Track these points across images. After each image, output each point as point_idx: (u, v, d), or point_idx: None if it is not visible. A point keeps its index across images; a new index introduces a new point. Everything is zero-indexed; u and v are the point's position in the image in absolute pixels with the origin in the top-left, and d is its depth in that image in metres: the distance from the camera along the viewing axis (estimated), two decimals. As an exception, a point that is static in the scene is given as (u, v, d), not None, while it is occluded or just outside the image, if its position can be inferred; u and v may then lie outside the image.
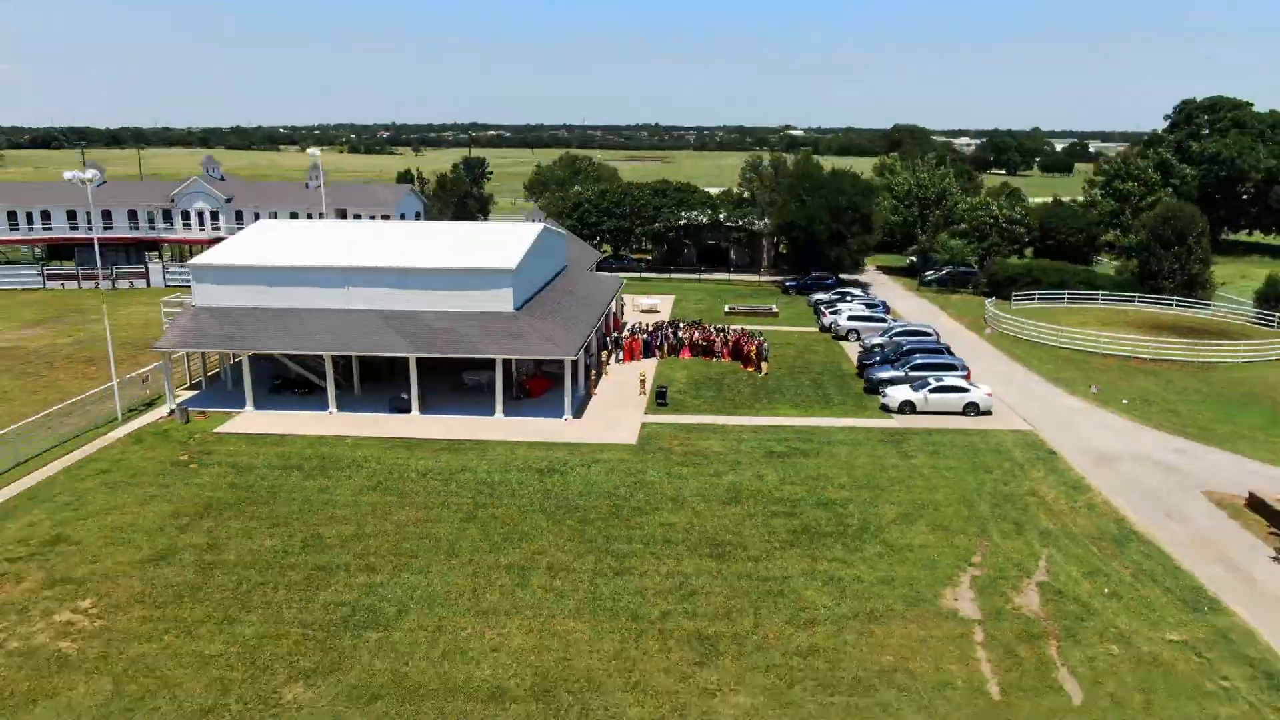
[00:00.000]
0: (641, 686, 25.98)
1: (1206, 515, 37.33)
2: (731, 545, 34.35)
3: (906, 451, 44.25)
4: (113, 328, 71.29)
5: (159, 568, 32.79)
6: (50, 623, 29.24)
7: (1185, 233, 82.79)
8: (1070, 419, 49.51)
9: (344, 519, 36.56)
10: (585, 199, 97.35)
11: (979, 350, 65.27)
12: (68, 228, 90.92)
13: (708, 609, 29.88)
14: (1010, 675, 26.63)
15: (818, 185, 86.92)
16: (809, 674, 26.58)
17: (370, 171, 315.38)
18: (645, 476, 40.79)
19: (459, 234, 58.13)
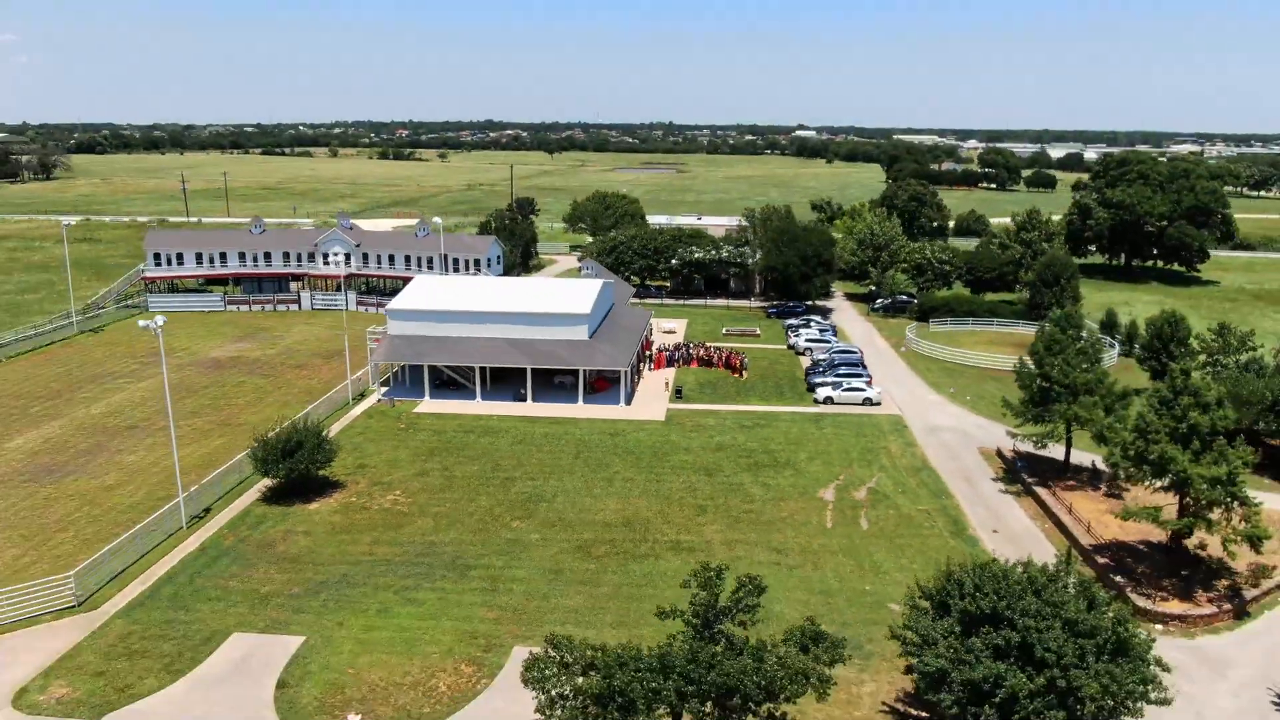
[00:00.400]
0: (670, 523, 57.49)
1: (972, 459, 68.82)
2: (715, 470, 65.95)
3: (821, 425, 75.86)
4: (299, 342, 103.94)
5: (423, 478, 64.57)
6: (384, 499, 61.04)
7: (1060, 275, 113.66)
8: (927, 408, 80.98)
9: (508, 456, 68.32)
10: (620, 242, 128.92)
11: (892, 362, 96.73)
12: (238, 264, 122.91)
13: (701, 495, 61.45)
14: (838, 520, 58.12)
15: (792, 238, 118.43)
16: (747, 519, 58.10)
17: (409, 184, 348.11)
18: (669, 437, 72.50)
19: (549, 287, 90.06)
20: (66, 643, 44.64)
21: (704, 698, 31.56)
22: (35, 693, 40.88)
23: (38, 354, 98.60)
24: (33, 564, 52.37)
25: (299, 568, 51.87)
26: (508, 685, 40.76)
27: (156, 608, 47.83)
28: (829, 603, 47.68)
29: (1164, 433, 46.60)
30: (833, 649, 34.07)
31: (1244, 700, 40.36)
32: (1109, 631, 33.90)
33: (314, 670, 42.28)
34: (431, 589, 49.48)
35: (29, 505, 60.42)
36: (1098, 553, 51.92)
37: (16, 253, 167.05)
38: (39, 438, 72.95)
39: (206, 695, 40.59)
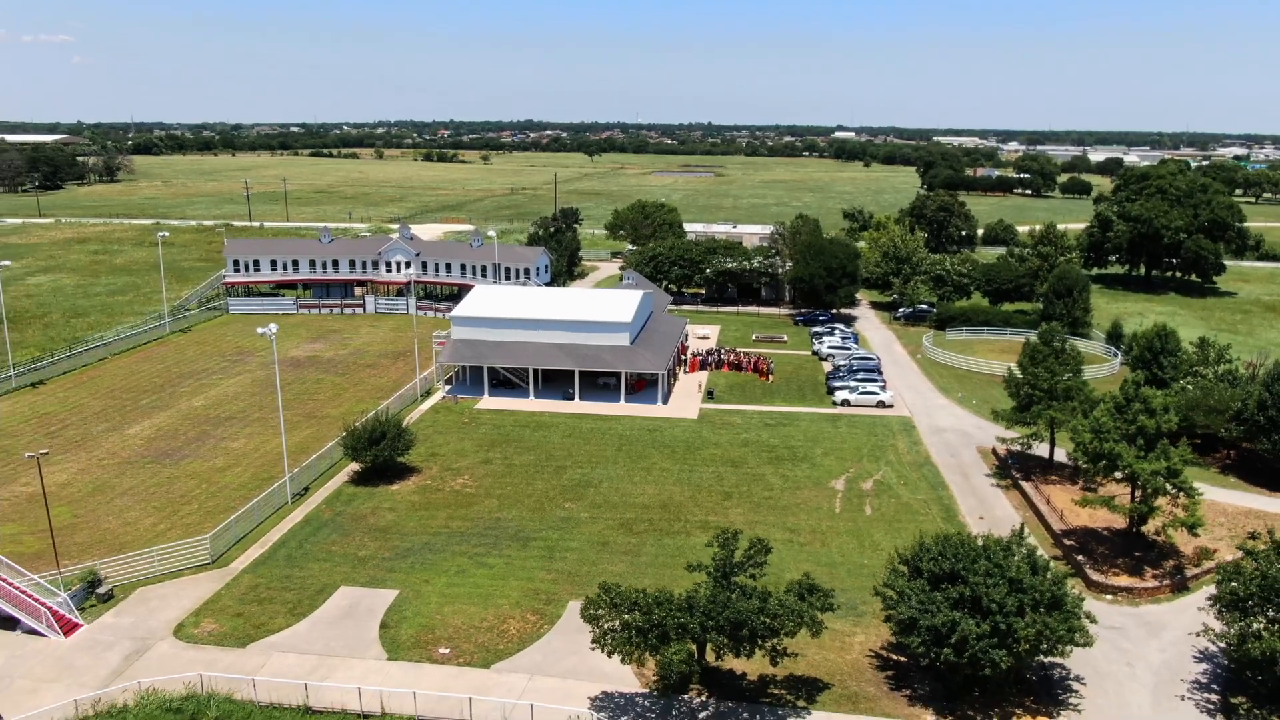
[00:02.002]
0: (699, 506, 66.90)
1: (970, 456, 77.49)
2: (740, 462, 75.26)
3: (837, 425, 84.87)
4: (366, 343, 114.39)
5: (486, 465, 74.55)
6: (455, 483, 71.07)
7: (1071, 288, 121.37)
8: (934, 411, 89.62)
9: (559, 448, 78.10)
10: (659, 253, 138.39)
11: (907, 368, 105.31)
12: (309, 271, 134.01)
13: (727, 483, 70.80)
14: (845, 507, 67.19)
15: (818, 251, 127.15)
16: (766, 505, 67.37)
17: (454, 188, 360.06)
18: (701, 433, 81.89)
19: (594, 297, 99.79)
20: (207, 591, 55.10)
21: (721, 630, 41.04)
22: (190, 627, 51.30)
23: (137, 352, 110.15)
24: (168, 530, 63.02)
25: (388, 537, 62.02)
26: (565, 630, 50.50)
27: (275, 565, 58.21)
28: (832, 573, 56.77)
29: (1115, 433, 55.18)
30: (823, 598, 43.38)
31: (1169, 654, 49.01)
32: (1045, 590, 42.80)
33: (409, 615, 52.31)
34: (499, 556, 59.34)
35: (156, 483, 71.26)
36: (1066, 536, 60.58)
37: (99, 256, 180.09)
38: (153, 426, 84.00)
39: (325, 632, 50.76)
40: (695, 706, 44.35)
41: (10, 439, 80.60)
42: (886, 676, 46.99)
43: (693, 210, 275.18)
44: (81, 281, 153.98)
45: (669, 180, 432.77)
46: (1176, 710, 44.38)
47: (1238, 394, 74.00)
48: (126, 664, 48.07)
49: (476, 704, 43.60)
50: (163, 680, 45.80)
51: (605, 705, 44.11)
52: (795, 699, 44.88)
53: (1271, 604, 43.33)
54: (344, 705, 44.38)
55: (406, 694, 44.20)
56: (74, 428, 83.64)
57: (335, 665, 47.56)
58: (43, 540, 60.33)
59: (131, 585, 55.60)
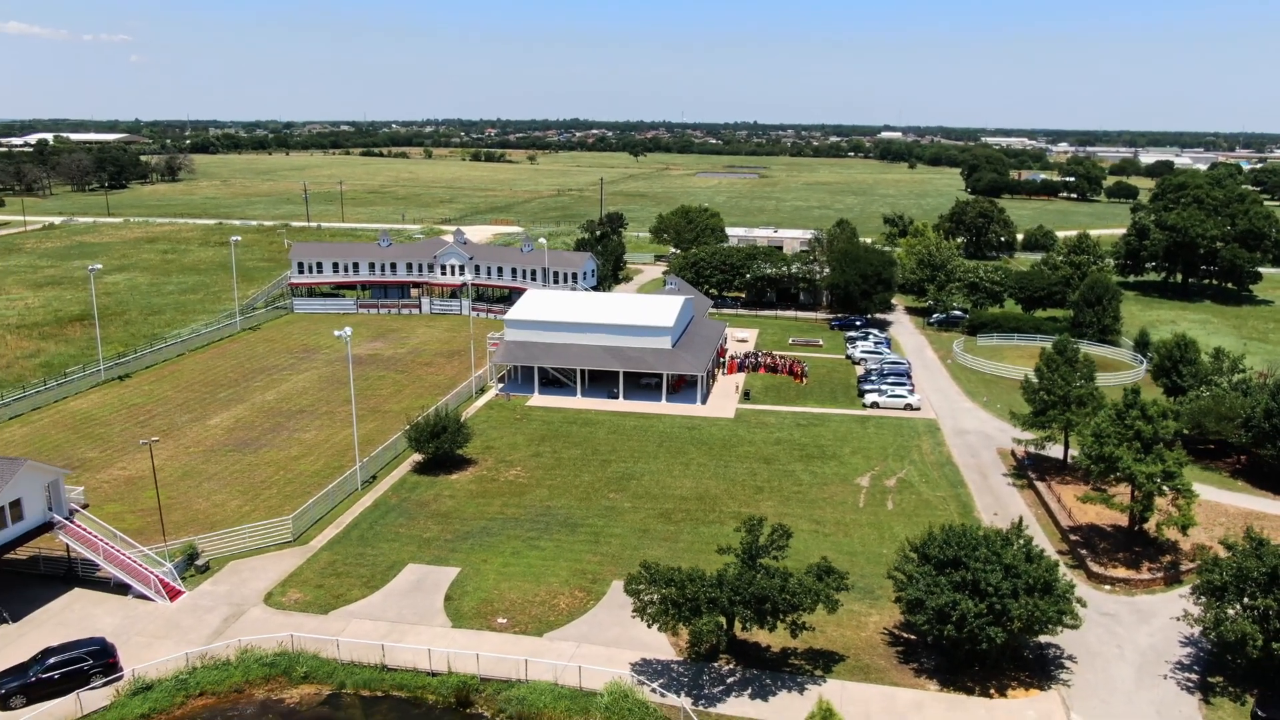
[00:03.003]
0: (733, 499, 72.52)
1: (989, 457, 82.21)
2: (773, 459, 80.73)
3: (866, 425, 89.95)
4: (423, 343, 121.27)
5: (537, 458, 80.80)
6: (509, 474, 77.40)
7: (1101, 296, 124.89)
8: (959, 414, 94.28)
9: (604, 443, 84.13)
10: (701, 258, 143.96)
11: (937, 372, 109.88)
12: (368, 273, 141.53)
13: (760, 478, 76.33)
14: (869, 502, 72.41)
15: (854, 258, 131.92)
16: (795, 498, 72.82)
17: (502, 189, 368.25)
18: (737, 432, 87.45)
19: (638, 302, 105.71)
20: (291, 565, 61.88)
21: (746, 604, 46.73)
22: (278, 596, 58.07)
23: (211, 348, 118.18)
24: (251, 511, 70.01)
25: (449, 521, 68.46)
26: (609, 606, 56.47)
27: (350, 544, 64.88)
28: (853, 560, 62.06)
29: (1114, 438, 59.84)
30: (839, 580, 48.88)
31: (1157, 639, 53.73)
32: (1038, 576, 47.86)
33: (469, 590, 58.61)
34: (550, 540, 65.48)
35: (238, 469, 78.45)
36: (1073, 532, 65.30)
37: (169, 256, 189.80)
38: (231, 418, 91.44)
39: (397, 602, 57.24)
40: (724, 673, 50.07)
41: (105, 427, 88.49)
42: (896, 651, 52.33)
43: (736, 213, 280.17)
44: (154, 280, 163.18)
45: (713, 182, 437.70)
46: (1158, 687, 49.21)
47: (1248, 402, 77.89)
48: (225, 625, 54.89)
49: (531, 666, 49.70)
50: (258, 639, 52.52)
51: (644, 670, 49.98)
52: (813, 669, 50.41)
53: (1245, 592, 47.98)
54: (415, 664, 50.71)
55: (470, 655, 50.43)
56: (160, 418, 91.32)
57: (406, 631, 53.94)
58: (142, 518, 67.63)
59: (224, 559, 62.55)
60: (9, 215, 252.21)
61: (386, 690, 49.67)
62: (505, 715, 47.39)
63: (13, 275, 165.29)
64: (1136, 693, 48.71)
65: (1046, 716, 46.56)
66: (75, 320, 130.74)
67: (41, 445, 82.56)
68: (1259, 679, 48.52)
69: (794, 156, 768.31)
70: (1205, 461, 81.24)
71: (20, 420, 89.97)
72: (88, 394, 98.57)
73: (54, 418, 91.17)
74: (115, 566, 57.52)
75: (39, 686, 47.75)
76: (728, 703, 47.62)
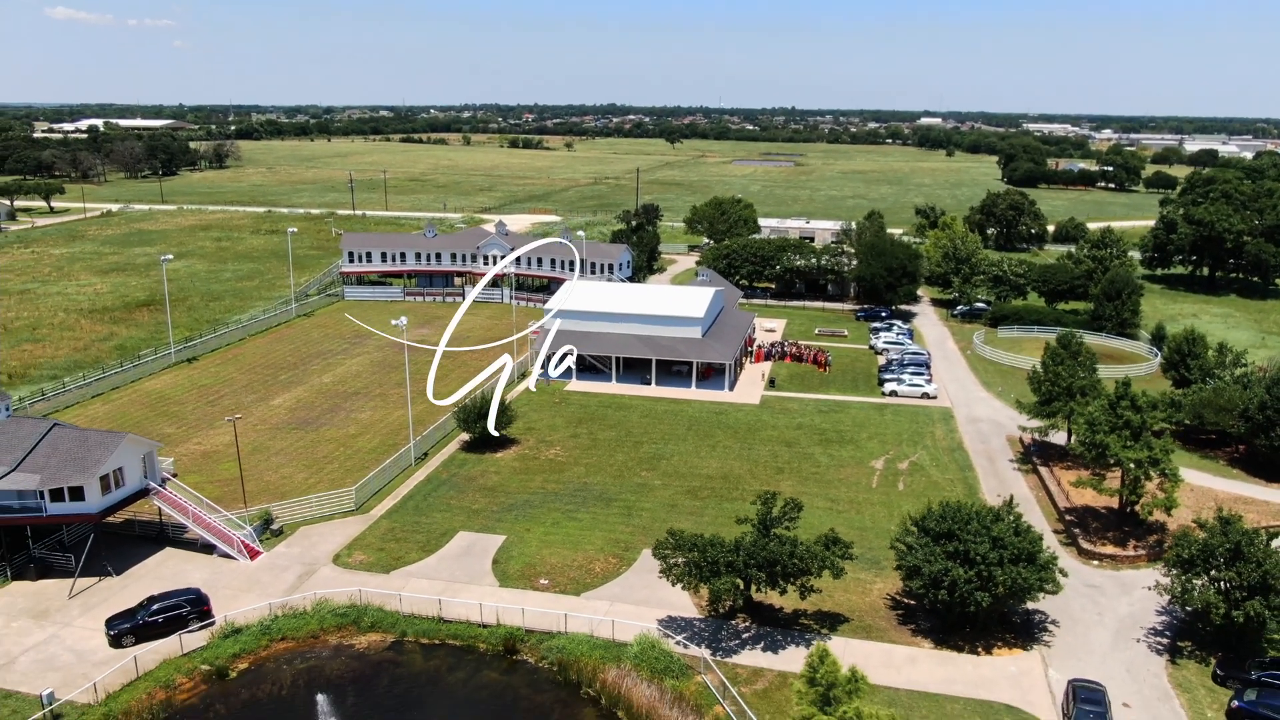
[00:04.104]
0: (755, 479, 78.58)
1: (998, 443, 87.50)
2: (794, 442, 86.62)
3: (883, 413, 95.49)
4: (467, 329, 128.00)
5: (575, 439, 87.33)
6: (549, 453, 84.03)
7: (1121, 290, 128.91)
8: (973, 402, 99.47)
9: (637, 426, 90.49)
10: (732, 250, 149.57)
11: (956, 363, 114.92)
12: (414, 263, 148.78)
13: (781, 460, 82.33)
14: (881, 483, 78.16)
15: (880, 252, 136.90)
16: (813, 479, 78.75)
17: (540, 177, 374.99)
18: (761, 417, 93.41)
19: (671, 293, 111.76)
20: (354, 531, 68.95)
21: (759, 567, 52.91)
22: (345, 557, 65.14)
23: (269, 333, 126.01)
24: (316, 483, 77.21)
25: (495, 495, 75.22)
26: (639, 571, 62.88)
27: (406, 513, 71.85)
28: (863, 535, 67.92)
29: (1105, 426, 65.05)
30: (844, 549, 54.88)
31: (1135, 608, 59.16)
32: (1022, 547, 53.50)
33: (514, 555, 65.31)
34: (586, 513, 72.00)
35: (301, 445, 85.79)
36: (1069, 513, 70.65)
37: (223, 243, 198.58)
38: (292, 399, 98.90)
39: (450, 564, 64.08)
40: (740, 629, 56.32)
41: (179, 406, 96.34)
42: (896, 614, 58.28)
43: (770, 202, 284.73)
44: (211, 267, 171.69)
45: (749, 170, 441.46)
46: (1131, 649, 54.73)
47: (1246, 395, 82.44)
48: (300, 581, 62.04)
49: (570, 620, 56.27)
50: (330, 593, 59.59)
51: (669, 625, 56.36)
52: (820, 627, 56.51)
53: (1211, 566, 53.28)
54: (468, 617, 57.48)
55: (516, 610, 57.11)
56: (228, 398, 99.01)
57: (459, 589, 60.71)
58: (219, 488, 75.02)
59: (295, 525, 69.77)
60: (69, 202, 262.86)
61: (443, 639, 56.46)
62: (547, 662, 53.98)
63: (80, 262, 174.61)
64: (1111, 654, 54.29)
65: (1026, 672, 52.34)
66: (142, 305, 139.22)
67: (123, 422, 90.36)
68: (1222, 644, 53.89)
69: (831, 144, 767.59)
70: (1205, 450, 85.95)
71: (102, 399, 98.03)
72: (160, 375, 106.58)
73: (131, 397, 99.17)
74: (203, 529, 64.87)
75: (145, 629, 55.10)
76: (743, 654, 53.90)
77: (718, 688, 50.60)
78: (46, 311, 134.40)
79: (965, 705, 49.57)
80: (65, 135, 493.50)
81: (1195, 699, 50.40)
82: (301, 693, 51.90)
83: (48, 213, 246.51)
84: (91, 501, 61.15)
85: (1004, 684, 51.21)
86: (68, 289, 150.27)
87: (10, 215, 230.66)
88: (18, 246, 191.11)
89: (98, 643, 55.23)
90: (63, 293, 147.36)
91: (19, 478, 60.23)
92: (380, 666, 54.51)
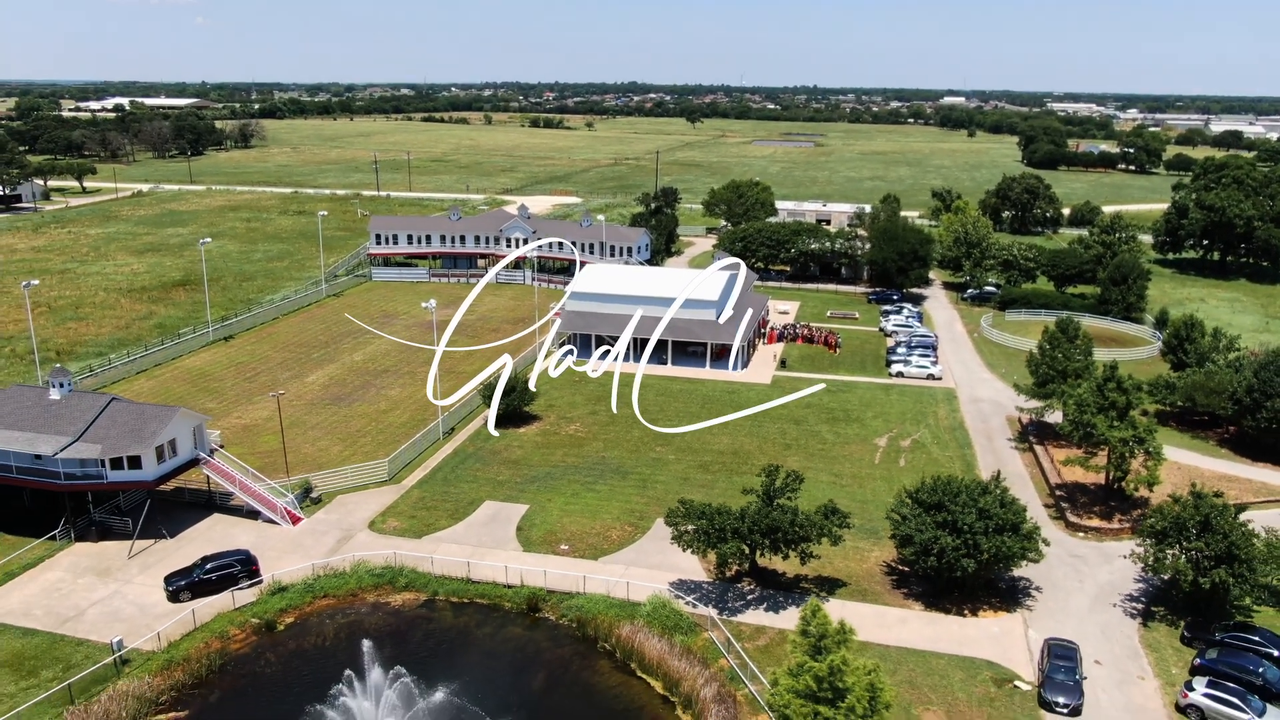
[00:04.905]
0: (764, 454, 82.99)
1: (998, 423, 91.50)
2: (801, 420, 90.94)
3: (889, 393, 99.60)
4: (490, 310, 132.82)
5: (594, 415, 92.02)
6: (569, 429, 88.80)
7: (1128, 275, 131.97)
8: (976, 384, 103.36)
9: (653, 403, 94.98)
10: (749, 233, 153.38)
11: (963, 345, 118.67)
12: (439, 245, 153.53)
13: (788, 437, 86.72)
14: (884, 459, 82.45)
15: (891, 236, 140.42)
16: (819, 454, 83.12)
17: (560, 158, 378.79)
18: (771, 396, 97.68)
19: (687, 277, 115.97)
20: (388, 500, 73.99)
21: (763, 534, 57.47)
22: (379, 523, 70.22)
23: (301, 313, 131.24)
24: (351, 455, 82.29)
25: (518, 467, 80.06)
26: (653, 538, 67.60)
27: (435, 484, 76.83)
28: (863, 507, 72.28)
29: (1093, 407, 68.98)
30: (842, 518, 59.33)
31: (1115, 576, 63.37)
32: (1006, 518, 57.73)
33: (536, 523, 70.16)
34: (604, 484, 76.73)
35: (336, 420, 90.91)
36: (1058, 489, 74.75)
37: (252, 224, 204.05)
38: (325, 376, 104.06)
39: (477, 530, 69.03)
40: (746, 592, 60.98)
41: (218, 382, 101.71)
42: (891, 580, 62.75)
43: (788, 184, 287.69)
44: (242, 248, 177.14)
45: (768, 150, 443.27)
46: (1107, 613, 59.00)
47: (1236, 379, 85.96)
48: (339, 545, 67.15)
49: (588, 582, 61.08)
50: (367, 556, 64.65)
51: (680, 587, 61.07)
52: (819, 590, 61.06)
53: (1183, 537, 57.36)
54: (494, 579, 62.39)
55: (538, 572, 62.00)
56: (265, 375, 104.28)
57: (485, 553, 65.62)
58: (260, 459, 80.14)
59: (333, 493, 74.88)
60: (100, 182, 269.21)
61: (471, 598, 61.42)
62: (567, 619, 58.83)
63: (116, 242, 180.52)
64: (1088, 616, 58.59)
65: (1008, 632, 56.76)
66: (178, 285, 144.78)
67: (167, 397, 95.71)
68: (1191, 609, 58.07)
69: (853, 123, 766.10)
70: (1196, 431, 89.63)
71: (146, 375, 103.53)
72: (199, 353, 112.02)
73: (173, 373, 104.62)
74: (249, 496, 70.08)
75: (200, 585, 60.33)
76: (747, 614, 58.59)
77: (723, 643, 55.30)
78: (88, 291, 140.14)
79: (949, 661, 54.06)
80: (93, 115, 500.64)
81: (1162, 658, 54.69)
82: (343, 644, 56.97)
83: (80, 193, 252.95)
84: (148, 470, 66.40)
85: (986, 642, 55.66)
86: (105, 269, 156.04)
87: (45, 195, 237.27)
88: (55, 226, 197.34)
89: (157, 598, 60.52)
90: (101, 272, 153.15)
91: (82, 448, 65.51)
92: (414, 622, 59.54)
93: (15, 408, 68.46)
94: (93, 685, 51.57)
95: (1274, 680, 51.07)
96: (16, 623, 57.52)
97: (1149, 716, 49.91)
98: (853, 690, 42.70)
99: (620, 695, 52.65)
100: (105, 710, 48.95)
